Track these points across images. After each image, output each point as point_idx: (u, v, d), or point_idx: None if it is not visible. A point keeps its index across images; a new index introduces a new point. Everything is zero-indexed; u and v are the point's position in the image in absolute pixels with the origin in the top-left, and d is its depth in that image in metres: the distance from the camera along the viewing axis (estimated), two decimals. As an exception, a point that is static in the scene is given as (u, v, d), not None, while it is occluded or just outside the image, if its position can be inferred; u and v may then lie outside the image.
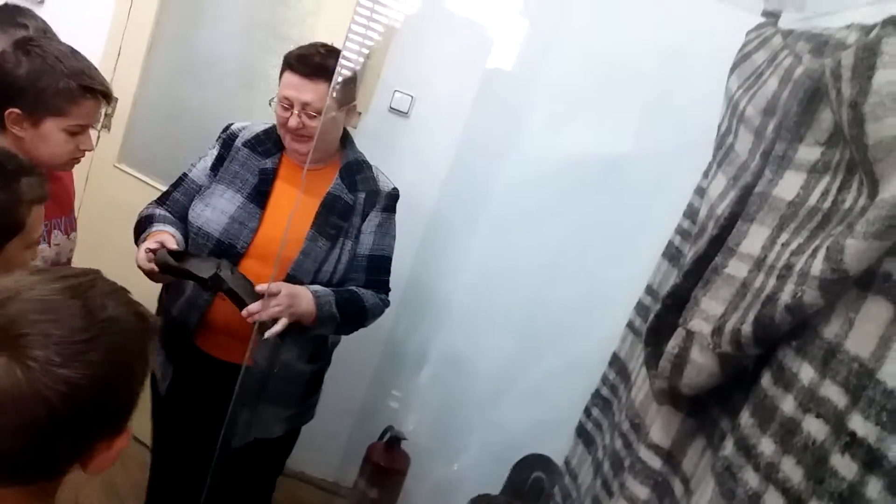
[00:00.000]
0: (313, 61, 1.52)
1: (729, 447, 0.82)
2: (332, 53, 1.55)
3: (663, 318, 1.07)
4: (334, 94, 1.50)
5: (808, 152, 0.87)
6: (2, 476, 0.65)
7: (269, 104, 1.57)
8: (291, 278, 1.55)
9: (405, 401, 2.38)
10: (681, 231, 1.39)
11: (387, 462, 2.20)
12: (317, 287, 1.54)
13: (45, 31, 1.58)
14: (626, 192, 2.02)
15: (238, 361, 1.57)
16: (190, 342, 1.61)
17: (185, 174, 1.67)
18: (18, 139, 1.37)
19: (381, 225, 1.66)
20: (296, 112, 1.53)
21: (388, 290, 1.69)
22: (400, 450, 2.24)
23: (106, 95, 1.44)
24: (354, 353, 2.08)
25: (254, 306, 1.42)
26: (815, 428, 0.70)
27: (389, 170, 1.77)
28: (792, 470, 0.71)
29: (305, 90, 1.52)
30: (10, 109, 1.34)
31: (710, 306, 0.94)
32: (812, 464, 0.68)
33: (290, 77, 1.53)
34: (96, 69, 1.45)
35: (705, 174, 1.32)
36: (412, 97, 2.30)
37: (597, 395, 1.54)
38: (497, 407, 2.20)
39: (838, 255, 0.68)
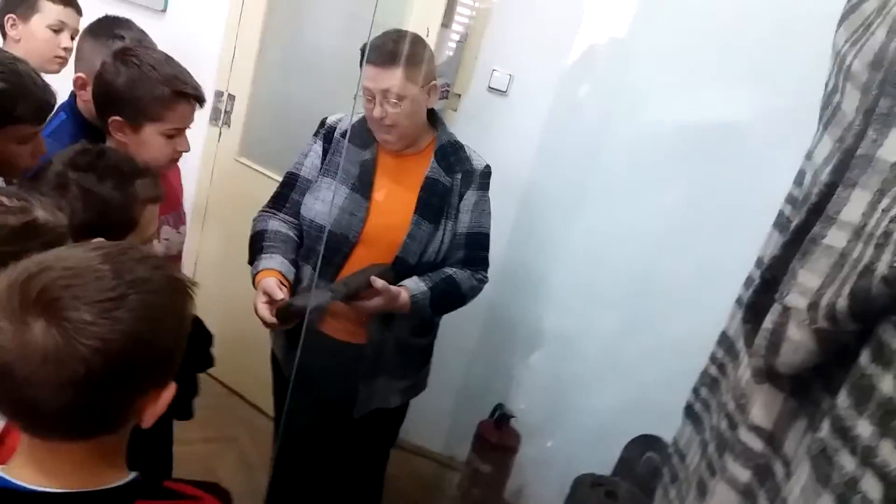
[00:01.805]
0: (387, 49, 1.54)
1: (825, 429, 0.78)
2: (405, 37, 1.57)
3: (763, 292, 1.01)
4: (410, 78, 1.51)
5: (916, 108, 0.79)
6: (61, 430, 0.71)
7: (354, 98, 1.62)
8: (400, 260, 1.63)
9: (512, 377, 2.39)
10: (791, 199, 1.30)
11: (498, 439, 2.24)
12: (415, 287, 1.60)
13: (141, 40, 1.68)
14: (738, 161, 1.91)
15: (356, 341, 1.69)
16: (313, 328, 1.70)
17: (295, 174, 1.74)
18: (122, 144, 1.46)
19: (478, 203, 1.69)
20: (378, 102, 1.56)
21: (487, 265, 1.72)
22: (510, 427, 2.27)
23: (198, 98, 1.51)
24: (456, 327, 2.12)
25: (359, 304, 1.54)
26: (915, 409, 0.65)
27: (491, 149, 1.78)
28: (891, 454, 0.66)
29: (382, 79, 1.55)
30: (113, 117, 1.44)
31: (807, 279, 0.88)
32: (911, 448, 0.63)
33: (367, 68, 1.57)
34: (189, 74, 1.52)
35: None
36: (510, 75, 2.28)
37: (705, 374, 1.48)
38: (607, 385, 2.17)
39: (937, 220, 0.62)
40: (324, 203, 1.65)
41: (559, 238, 2.27)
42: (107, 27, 1.71)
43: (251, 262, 1.67)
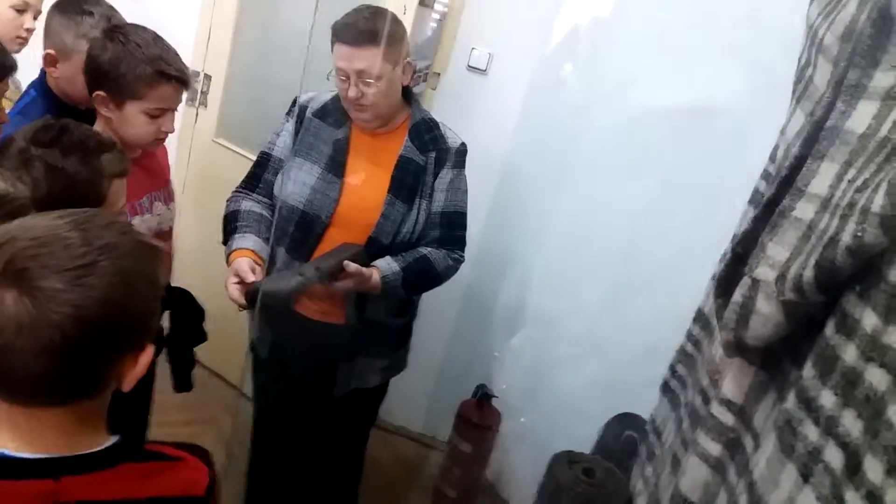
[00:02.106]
0: (358, 28, 1.51)
1: (790, 400, 0.78)
2: (377, 15, 1.54)
3: (733, 267, 1.01)
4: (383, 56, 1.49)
5: (883, 78, 0.79)
6: (40, 397, 0.71)
7: (328, 78, 1.59)
8: (373, 240, 1.61)
9: (493, 358, 2.39)
10: (765, 175, 1.29)
11: (479, 418, 2.25)
12: (387, 267, 1.59)
13: (111, 16, 1.65)
14: (717, 140, 1.90)
15: (334, 321, 1.68)
16: (289, 309, 1.69)
17: (268, 153, 1.72)
18: (107, 120, 1.47)
19: (453, 181, 1.67)
20: (353, 82, 1.54)
21: (464, 244, 1.71)
22: (491, 407, 2.27)
23: (182, 81, 1.49)
24: (436, 307, 2.12)
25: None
26: (877, 378, 0.65)
27: (470, 128, 1.76)
28: (852, 424, 0.66)
29: (356, 59, 1.52)
30: (97, 92, 1.44)
31: (775, 252, 0.88)
32: (871, 417, 0.64)
33: (339, 48, 1.54)
34: (176, 55, 1.51)
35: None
36: (490, 54, 2.26)
37: (681, 351, 1.49)
38: (588, 364, 2.17)
39: (898, 188, 0.62)
40: (296, 183, 1.64)
41: (539, 218, 2.27)
42: (76, 2, 1.67)
43: (225, 241, 1.65)
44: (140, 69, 1.42)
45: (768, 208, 0.95)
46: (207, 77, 2.64)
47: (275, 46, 2.57)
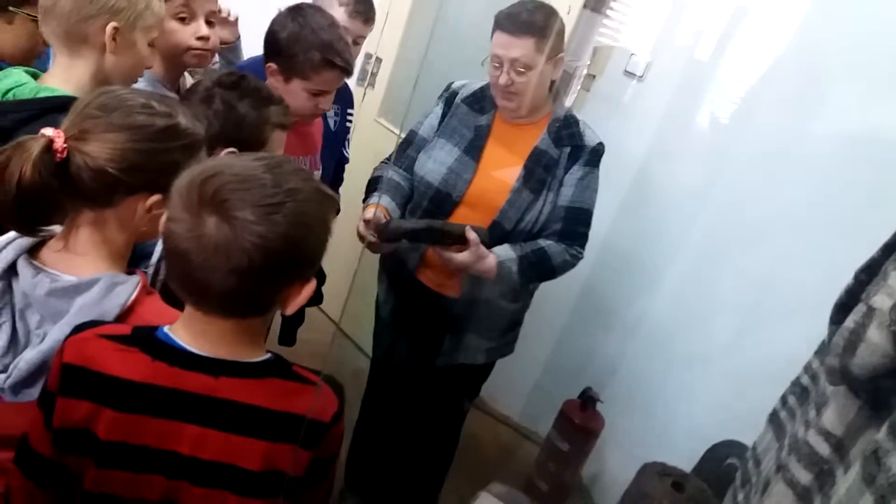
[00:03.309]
0: (520, 18, 1.57)
1: (883, 431, 0.76)
2: (540, 9, 1.59)
3: (854, 293, 0.98)
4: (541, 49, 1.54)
5: None
6: (223, 309, 0.85)
7: (482, 64, 1.67)
8: (496, 224, 1.67)
9: (604, 361, 2.38)
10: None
11: (582, 420, 2.25)
12: (504, 254, 1.64)
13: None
14: (873, 172, 1.77)
15: (450, 294, 1.77)
16: (411, 276, 1.81)
17: (414, 132, 1.84)
18: (273, 88, 1.57)
19: (583, 178, 1.69)
20: (505, 70, 1.60)
21: (585, 241, 1.72)
22: (595, 410, 2.27)
23: (345, 70, 1.59)
24: (551, 301, 2.14)
25: (447, 254, 1.60)
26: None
27: (620, 132, 1.76)
28: (937, 458, 0.64)
29: (513, 47, 1.57)
30: (270, 63, 1.59)
31: (896, 282, 0.85)
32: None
33: (499, 36, 1.60)
34: (346, 44, 1.60)
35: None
36: (649, 61, 2.25)
37: (796, 382, 1.42)
38: (701, 384, 2.11)
39: None
40: (435, 162, 1.73)
41: (681, 230, 2.21)
42: None
43: (364, 201, 1.78)
44: (310, 54, 1.53)
45: (900, 238, 0.91)
46: (378, 60, 2.82)
47: (443, 35, 2.69)
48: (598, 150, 1.71)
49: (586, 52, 2.36)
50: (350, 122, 2.24)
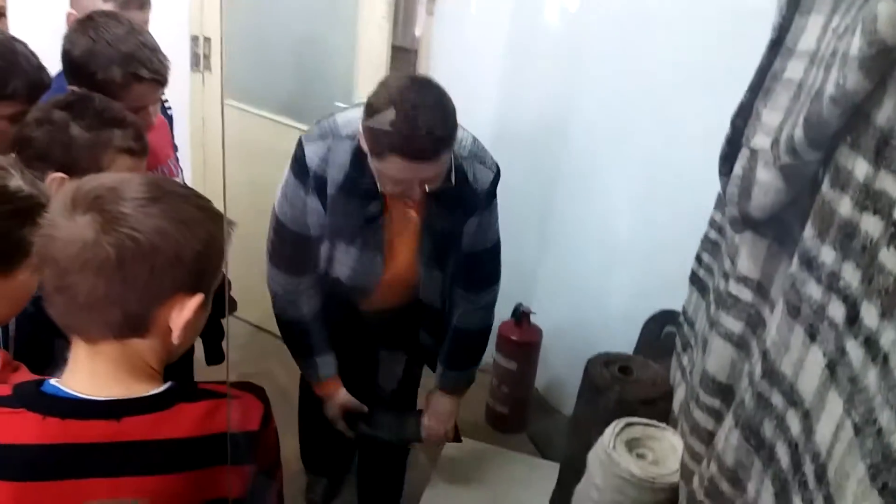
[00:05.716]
0: (424, 144, 1.26)
1: (794, 263, 0.77)
2: (438, 118, 1.27)
3: (734, 141, 0.99)
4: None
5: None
6: (97, 324, 0.76)
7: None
8: (426, 307, 1.66)
9: (525, 275, 2.40)
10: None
11: (519, 336, 2.28)
12: (446, 382, 1.71)
13: None
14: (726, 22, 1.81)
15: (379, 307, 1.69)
16: (354, 309, 1.69)
17: (289, 229, 1.52)
18: None
19: (480, 223, 1.54)
20: (412, 185, 1.35)
21: (497, 276, 1.66)
22: (531, 324, 2.30)
23: (157, 80, 1.39)
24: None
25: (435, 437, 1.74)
26: (871, 226, 0.63)
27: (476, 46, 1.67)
28: (852, 276, 0.66)
29: (425, 170, 1.32)
30: (71, 87, 1.37)
31: (770, 118, 0.86)
32: (867, 265, 0.63)
33: (397, 161, 1.28)
34: (151, 49, 1.39)
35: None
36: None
37: (706, 239, 1.47)
38: (621, 266, 2.16)
39: (872, 24, 0.59)
40: (336, 263, 1.56)
41: (568, 127, 2.22)
42: None
43: (299, 355, 1.67)
44: (111, 72, 1.34)
45: (761, 74, 0.92)
46: (207, 40, 2.63)
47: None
48: (493, 185, 1.52)
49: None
50: (170, 109, 1.95)
